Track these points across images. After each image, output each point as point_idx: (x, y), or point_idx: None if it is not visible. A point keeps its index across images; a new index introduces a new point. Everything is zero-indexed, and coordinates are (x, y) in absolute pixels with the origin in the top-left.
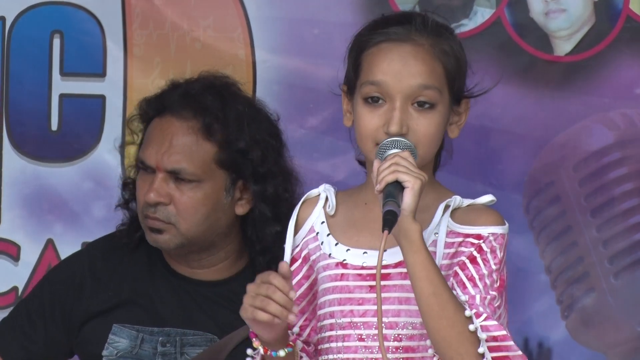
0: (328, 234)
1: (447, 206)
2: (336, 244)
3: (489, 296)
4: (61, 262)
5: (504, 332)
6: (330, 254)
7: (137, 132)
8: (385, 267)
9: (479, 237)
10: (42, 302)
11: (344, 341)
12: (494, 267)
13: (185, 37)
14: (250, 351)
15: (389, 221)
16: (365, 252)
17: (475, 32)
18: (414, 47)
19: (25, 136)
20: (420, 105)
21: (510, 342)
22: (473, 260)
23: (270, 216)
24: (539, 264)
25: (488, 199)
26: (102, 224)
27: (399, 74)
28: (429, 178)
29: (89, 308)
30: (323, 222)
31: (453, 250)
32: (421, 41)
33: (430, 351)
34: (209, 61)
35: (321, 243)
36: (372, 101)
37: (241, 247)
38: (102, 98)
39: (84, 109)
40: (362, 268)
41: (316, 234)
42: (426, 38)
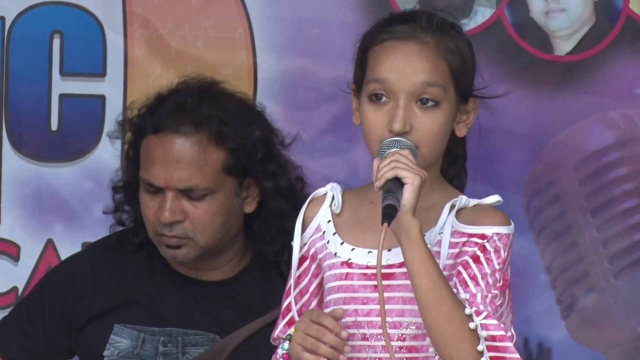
0: (334, 233)
1: (452, 206)
2: (342, 243)
3: (490, 295)
4: (61, 262)
5: (502, 332)
6: (335, 253)
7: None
8: (390, 266)
9: (483, 236)
10: (42, 302)
11: (348, 340)
12: (497, 266)
13: (186, 37)
14: None
15: (388, 214)
16: (370, 251)
17: (475, 32)
18: (418, 44)
19: (25, 136)
20: (424, 103)
21: (508, 343)
22: (476, 259)
23: (290, 209)
24: (539, 264)
25: (494, 199)
26: (102, 224)
27: (402, 71)
28: (436, 178)
29: (89, 309)
30: (329, 221)
31: (457, 250)
32: (425, 39)
33: (431, 350)
34: (209, 61)
35: (327, 242)
36: (377, 99)
37: (245, 245)
38: (102, 98)
39: (84, 109)
40: (367, 267)
41: (323, 232)
42: (431, 36)
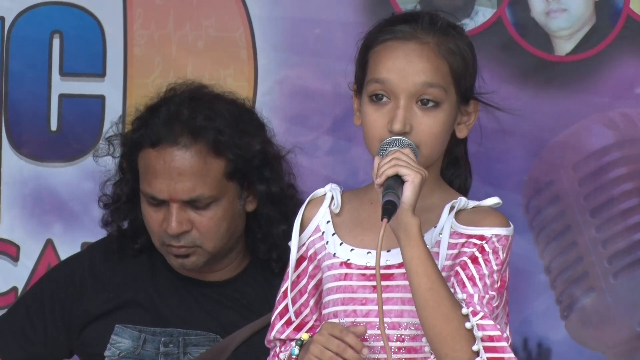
0: (333, 234)
1: (452, 207)
2: (341, 243)
3: (487, 296)
4: (61, 262)
5: (498, 333)
6: (334, 254)
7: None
8: (389, 267)
9: (481, 237)
10: (42, 303)
11: None
12: (495, 267)
13: (187, 36)
14: None
15: (388, 210)
16: (369, 251)
17: (476, 32)
18: (419, 45)
19: (25, 136)
20: (425, 103)
21: (504, 344)
22: (474, 260)
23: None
24: (538, 264)
25: (494, 201)
26: None
27: (403, 71)
28: (435, 179)
29: (90, 309)
30: (328, 221)
31: (456, 251)
32: (427, 39)
33: (427, 349)
34: (210, 61)
35: (326, 242)
36: (377, 99)
37: (246, 245)
38: (102, 98)
39: (83, 109)
40: (366, 268)
41: (322, 233)
42: (432, 37)
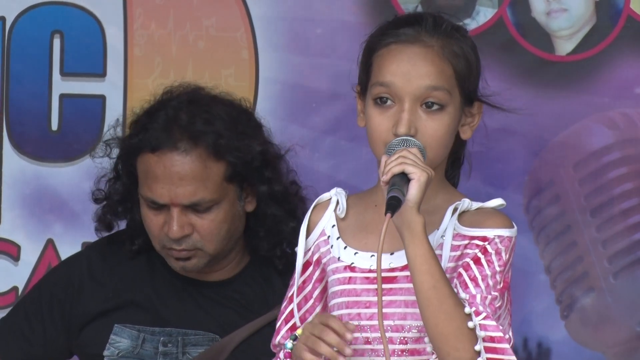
0: (338, 237)
1: (455, 209)
2: (345, 247)
3: (489, 296)
4: (59, 263)
5: (500, 334)
6: (339, 257)
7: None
8: (392, 270)
9: (484, 239)
10: (41, 304)
11: (351, 344)
12: (497, 268)
13: (187, 36)
14: None
15: (392, 205)
16: (373, 255)
17: (477, 32)
18: (423, 48)
19: (26, 136)
20: (429, 106)
21: (506, 345)
22: (477, 261)
23: (283, 214)
24: (538, 264)
25: (498, 202)
26: None
27: (407, 75)
28: (440, 180)
29: (88, 310)
30: (334, 225)
31: (459, 253)
32: (431, 42)
33: (429, 349)
34: (211, 61)
35: (331, 246)
36: (382, 102)
37: (245, 245)
38: (102, 98)
39: (84, 109)
40: (370, 271)
41: (327, 237)
42: (436, 39)
